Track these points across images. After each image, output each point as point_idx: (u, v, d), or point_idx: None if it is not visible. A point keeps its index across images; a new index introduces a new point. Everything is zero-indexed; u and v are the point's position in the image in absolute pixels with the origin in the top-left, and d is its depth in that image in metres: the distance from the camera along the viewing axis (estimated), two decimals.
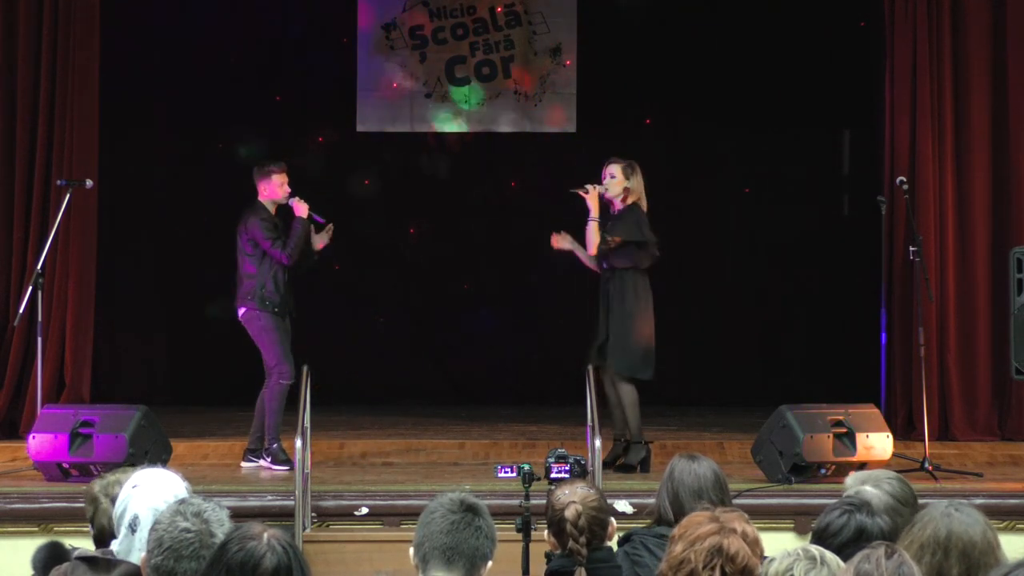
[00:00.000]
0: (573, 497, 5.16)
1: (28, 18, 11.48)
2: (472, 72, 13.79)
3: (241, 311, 10.18)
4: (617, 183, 9.91)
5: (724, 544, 3.91)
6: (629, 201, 9.93)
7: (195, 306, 13.75)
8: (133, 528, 4.37)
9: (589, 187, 9.89)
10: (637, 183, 9.94)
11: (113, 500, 4.63)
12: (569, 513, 5.12)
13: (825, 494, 8.29)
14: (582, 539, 5.10)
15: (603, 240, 9.81)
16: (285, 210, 10.22)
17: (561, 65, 13.74)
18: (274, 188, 10.15)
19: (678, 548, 3.94)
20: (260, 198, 10.18)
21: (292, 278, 10.22)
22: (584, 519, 5.12)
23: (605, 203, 9.96)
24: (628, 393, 9.91)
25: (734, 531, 3.93)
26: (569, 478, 5.92)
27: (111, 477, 5.15)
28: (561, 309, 13.55)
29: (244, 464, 10.15)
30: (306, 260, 10.29)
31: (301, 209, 10.13)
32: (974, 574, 4.16)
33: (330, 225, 10.36)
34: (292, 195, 10.17)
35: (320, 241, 10.34)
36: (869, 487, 4.97)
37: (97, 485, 5.15)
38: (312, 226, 10.25)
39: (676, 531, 4.00)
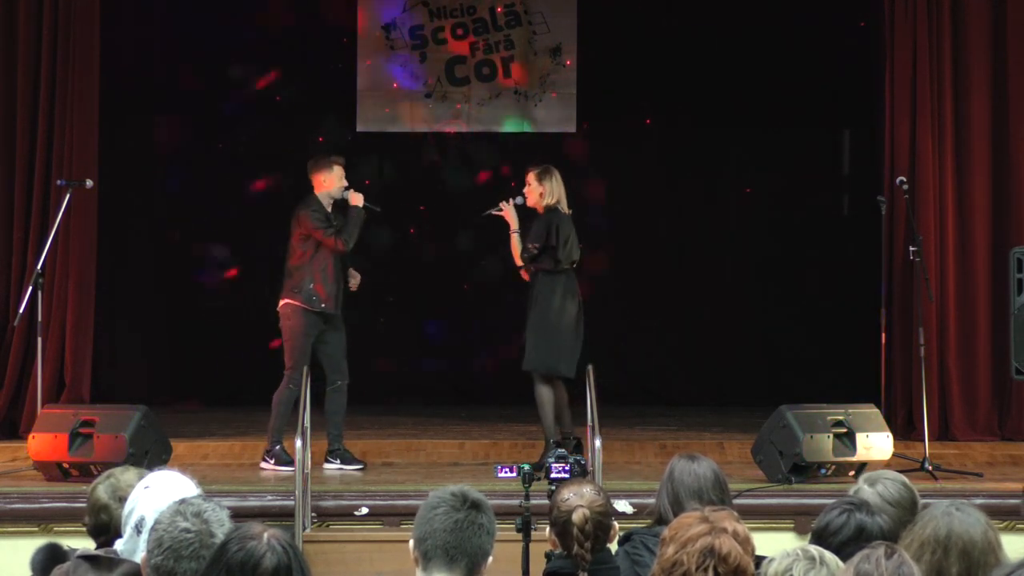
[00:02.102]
0: (580, 501, 5.12)
1: (28, 18, 11.47)
2: (472, 72, 13.79)
3: (282, 303, 10.16)
4: (531, 190, 10.20)
5: (716, 544, 3.90)
6: (544, 205, 10.11)
7: (195, 306, 13.75)
8: (139, 529, 4.36)
9: (503, 204, 10.29)
10: (552, 187, 10.18)
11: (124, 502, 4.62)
12: (576, 517, 5.09)
13: (825, 494, 8.28)
14: (587, 544, 5.09)
15: (524, 249, 10.12)
16: (337, 204, 10.22)
17: (561, 65, 13.73)
18: (334, 180, 10.14)
19: (670, 550, 3.93)
20: (316, 192, 10.17)
21: (341, 274, 10.21)
22: (590, 524, 5.09)
23: (527, 212, 10.27)
24: (541, 392, 10.00)
25: (725, 531, 3.93)
26: (571, 478, 5.90)
27: (114, 480, 5.12)
28: None
29: (326, 466, 10.11)
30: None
31: (357, 199, 10.14)
32: (974, 573, 4.17)
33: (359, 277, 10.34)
34: (347, 188, 10.18)
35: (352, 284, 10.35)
36: (866, 486, 4.99)
37: (103, 493, 5.09)
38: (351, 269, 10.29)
39: (667, 533, 3.99)
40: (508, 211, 10.25)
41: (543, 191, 10.14)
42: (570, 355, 10.10)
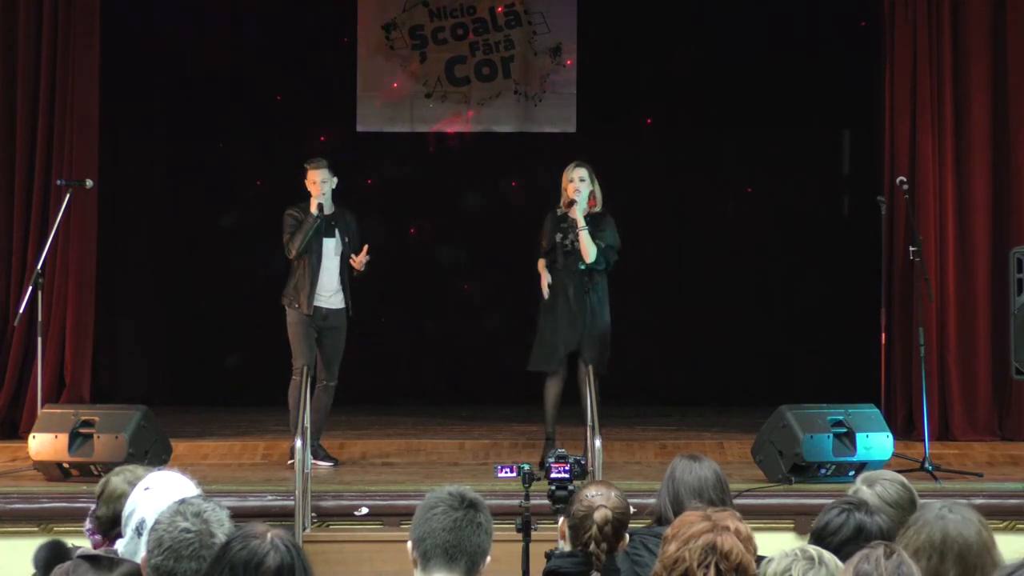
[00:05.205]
0: (605, 501, 5.16)
1: (28, 18, 11.47)
2: (472, 72, 13.79)
3: None
4: (585, 184, 10.09)
5: (718, 542, 3.91)
6: (598, 205, 10.09)
7: (195, 306, 13.75)
8: (140, 531, 4.37)
9: (576, 197, 10.04)
10: (598, 186, 10.14)
11: None
12: (599, 516, 5.12)
13: (825, 494, 8.28)
14: (603, 545, 5.12)
15: (600, 248, 10.00)
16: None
17: (561, 65, 13.73)
18: (307, 184, 10.16)
19: (672, 548, 3.94)
20: None
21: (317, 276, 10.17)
22: (610, 527, 5.13)
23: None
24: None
25: (727, 529, 3.94)
26: (600, 480, 5.93)
27: (128, 473, 5.12)
28: None
29: (318, 463, 10.13)
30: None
31: (313, 204, 10.14)
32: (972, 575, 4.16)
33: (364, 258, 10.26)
34: (324, 191, 10.13)
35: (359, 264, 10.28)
36: (865, 487, 4.99)
37: (120, 482, 5.08)
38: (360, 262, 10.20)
39: (669, 531, 4.01)
40: (575, 209, 10.05)
41: (594, 190, 10.15)
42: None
